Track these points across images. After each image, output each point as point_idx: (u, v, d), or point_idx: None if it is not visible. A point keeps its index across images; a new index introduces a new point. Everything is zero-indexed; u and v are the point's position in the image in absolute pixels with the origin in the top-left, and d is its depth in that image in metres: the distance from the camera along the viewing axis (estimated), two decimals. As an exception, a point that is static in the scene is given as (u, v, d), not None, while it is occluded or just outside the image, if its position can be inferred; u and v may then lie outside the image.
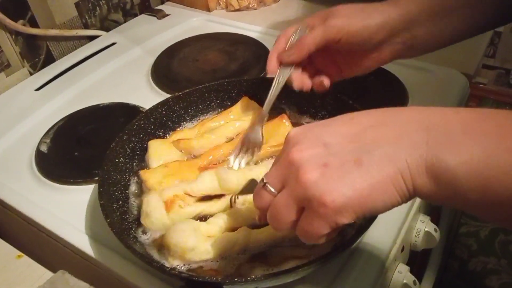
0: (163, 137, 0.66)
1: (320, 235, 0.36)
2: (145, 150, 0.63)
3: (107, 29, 1.04)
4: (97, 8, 1.02)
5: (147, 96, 0.81)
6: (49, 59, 0.94)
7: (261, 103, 0.67)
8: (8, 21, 0.83)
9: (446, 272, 1.22)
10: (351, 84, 0.79)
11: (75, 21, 0.98)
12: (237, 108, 0.66)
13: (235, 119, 0.64)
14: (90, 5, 1.00)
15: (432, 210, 0.72)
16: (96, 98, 0.81)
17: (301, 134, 0.37)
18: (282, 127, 0.61)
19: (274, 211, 0.37)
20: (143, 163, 0.62)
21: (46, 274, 0.53)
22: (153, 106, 0.66)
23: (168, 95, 0.80)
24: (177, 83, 0.84)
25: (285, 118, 0.62)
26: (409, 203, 0.59)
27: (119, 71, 0.90)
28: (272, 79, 0.59)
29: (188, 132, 0.65)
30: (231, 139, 0.63)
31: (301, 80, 0.58)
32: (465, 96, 0.80)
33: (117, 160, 0.58)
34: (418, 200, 0.61)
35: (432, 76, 0.81)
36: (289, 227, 0.38)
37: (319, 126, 0.38)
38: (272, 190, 0.38)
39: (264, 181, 0.38)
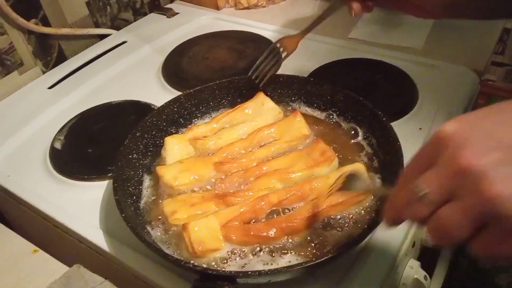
0: (175, 133, 0.67)
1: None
2: (157, 146, 0.64)
3: (118, 28, 1.05)
4: (108, 7, 1.03)
5: (158, 93, 0.82)
6: (61, 58, 0.95)
7: (272, 99, 0.68)
8: (21, 20, 0.84)
9: (456, 270, 1.22)
10: (360, 80, 0.80)
11: (86, 20, 0.99)
12: (252, 102, 0.67)
13: (251, 120, 0.64)
14: (100, 4, 1.01)
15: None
16: (107, 96, 0.82)
17: (466, 132, 0.30)
18: (295, 123, 0.62)
19: (440, 226, 0.31)
20: (155, 160, 0.63)
21: (62, 268, 0.53)
22: (165, 103, 0.66)
23: (179, 93, 0.81)
24: (187, 81, 0.85)
25: (298, 115, 0.62)
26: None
27: (130, 70, 0.91)
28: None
29: (204, 128, 0.65)
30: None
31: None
32: (474, 93, 0.80)
33: (130, 157, 0.59)
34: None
35: (442, 73, 0.81)
36: (460, 243, 0.32)
37: (488, 120, 0.31)
38: (433, 200, 0.31)
39: (423, 191, 0.32)
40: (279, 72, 0.85)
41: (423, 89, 0.76)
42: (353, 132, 0.64)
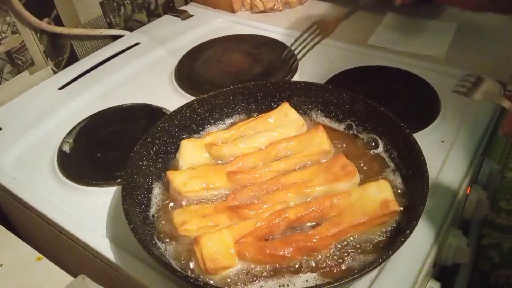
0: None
1: None
2: (168, 153, 0.62)
3: (131, 29, 1.03)
4: (122, 7, 1.01)
5: (170, 97, 0.80)
6: (73, 58, 0.93)
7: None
8: (33, 19, 0.83)
9: (469, 285, 1.18)
10: (379, 89, 0.77)
11: (100, 20, 0.97)
12: (276, 113, 0.65)
13: (272, 129, 0.62)
14: (114, 4, 0.99)
15: (462, 223, 0.69)
16: (118, 98, 0.80)
17: None
18: (317, 137, 0.59)
19: None
20: (166, 166, 0.61)
21: (66, 278, 0.51)
22: (177, 108, 0.64)
23: (191, 97, 0.79)
24: (200, 85, 0.83)
25: (320, 130, 0.59)
26: (442, 215, 0.56)
27: (142, 72, 0.89)
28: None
29: (222, 134, 0.63)
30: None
31: None
32: (498, 104, 0.77)
33: (140, 163, 0.57)
34: (451, 213, 0.58)
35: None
36: None
37: None
38: None
39: None
40: (296, 78, 0.83)
41: (445, 99, 0.73)
42: (373, 143, 0.62)
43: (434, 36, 0.95)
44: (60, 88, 0.85)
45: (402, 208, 0.51)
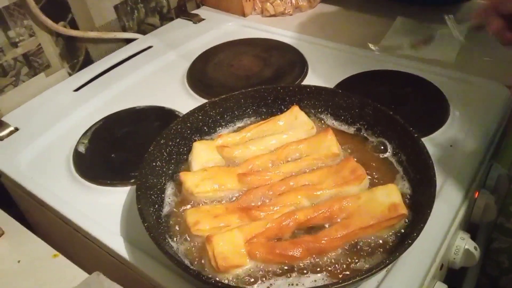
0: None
1: None
2: (181, 154, 0.63)
3: (144, 32, 1.05)
4: (135, 11, 1.03)
5: (182, 100, 0.82)
6: (88, 61, 0.95)
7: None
8: (50, 23, 0.85)
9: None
10: (389, 93, 0.78)
11: (114, 23, 0.99)
12: (286, 116, 0.66)
13: (282, 132, 0.63)
14: (128, 8, 1.01)
15: (471, 226, 0.69)
16: (132, 101, 0.82)
17: None
18: (326, 141, 0.60)
19: None
20: (178, 167, 0.62)
21: (81, 274, 0.53)
22: (190, 111, 0.66)
23: (203, 100, 0.80)
24: (212, 88, 0.84)
25: (330, 133, 0.60)
26: (449, 219, 0.57)
27: (155, 75, 0.91)
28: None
29: (234, 136, 0.64)
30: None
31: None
32: (507, 109, 0.77)
33: (154, 164, 0.58)
34: (459, 216, 0.59)
35: (474, 88, 0.78)
36: None
37: None
38: None
39: None
40: (306, 82, 0.84)
41: (454, 104, 0.74)
42: (382, 147, 0.62)
43: (443, 41, 0.95)
44: (75, 90, 0.87)
45: (410, 211, 0.52)
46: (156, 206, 0.55)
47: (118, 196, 0.62)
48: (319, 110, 0.69)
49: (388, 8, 1.08)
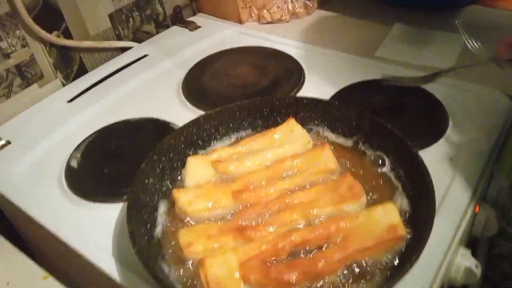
0: (193, 155, 0.64)
1: None
2: (174, 170, 0.62)
3: (140, 41, 1.04)
4: (130, 19, 1.02)
5: (178, 110, 0.80)
6: (82, 70, 0.94)
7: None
8: (43, 33, 0.83)
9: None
10: (387, 103, 0.77)
11: (108, 32, 0.98)
12: (282, 129, 0.65)
13: (278, 146, 0.62)
14: (123, 16, 1.00)
15: (471, 241, 0.68)
16: (126, 112, 0.81)
17: None
18: (323, 155, 0.58)
19: None
20: (172, 184, 0.61)
21: (72, 296, 0.52)
22: (184, 125, 0.64)
23: (198, 110, 0.79)
24: (207, 98, 0.83)
25: (327, 148, 0.59)
26: (450, 236, 0.56)
27: (150, 84, 0.90)
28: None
29: (229, 150, 0.63)
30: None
31: None
32: (508, 118, 0.76)
33: (146, 181, 0.57)
34: (459, 233, 0.57)
35: (474, 97, 0.77)
36: None
37: None
38: None
39: None
40: (303, 91, 0.82)
41: (453, 114, 0.72)
42: (380, 161, 0.61)
43: (442, 47, 0.94)
44: (69, 101, 0.86)
45: (409, 229, 0.50)
46: (148, 225, 0.54)
47: (110, 213, 0.61)
48: (316, 122, 0.68)
49: (386, 14, 1.07)
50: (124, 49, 1.01)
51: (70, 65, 0.92)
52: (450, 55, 0.90)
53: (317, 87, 0.83)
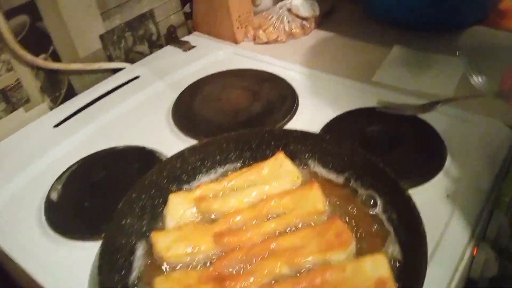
0: (177, 191, 0.61)
1: None
2: (155, 207, 0.59)
3: (132, 61, 1.02)
4: (122, 40, 1.00)
5: (166, 138, 0.78)
6: (71, 93, 0.92)
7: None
8: (29, 57, 0.81)
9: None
10: (382, 134, 0.74)
11: (99, 53, 0.96)
12: (270, 163, 0.62)
13: (265, 182, 0.59)
14: (115, 37, 0.98)
15: (468, 282, 0.65)
16: (113, 138, 0.78)
17: None
18: (311, 195, 0.55)
19: None
20: (152, 222, 0.58)
21: None
22: (167, 159, 0.62)
23: (187, 138, 0.76)
24: (197, 125, 0.80)
25: (315, 187, 0.56)
26: (446, 282, 0.52)
27: (140, 108, 0.87)
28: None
29: (213, 186, 0.60)
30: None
31: None
32: (510, 152, 0.72)
33: (123, 222, 0.54)
34: (455, 280, 0.54)
35: (474, 128, 0.74)
36: None
37: None
38: None
39: None
40: (296, 119, 0.79)
41: (452, 146, 0.69)
42: (372, 201, 0.58)
43: (442, 73, 0.91)
44: (55, 126, 0.83)
45: (400, 282, 0.47)
46: (123, 271, 0.51)
47: (88, 253, 0.58)
48: (306, 155, 0.65)
49: (385, 35, 1.04)
50: (116, 70, 0.99)
51: (59, 88, 0.90)
52: (450, 81, 0.87)
53: (310, 114, 0.80)
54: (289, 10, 1.07)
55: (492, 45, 1.00)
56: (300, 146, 0.65)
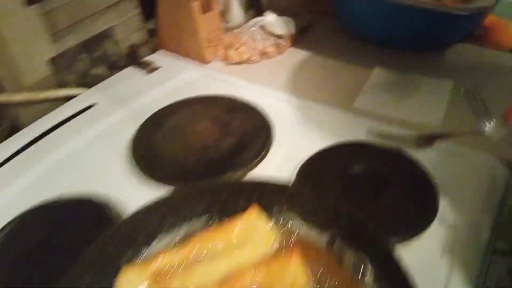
0: (133, 259, 0.52)
1: None
2: (104, 279, 0.49)
3: (89, 85, 0.91)
4: (77, 62, 0.89)
5: (124, 182, 0.68)
6: (15, 128, 0.80)
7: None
8: (-38, 90, 0.70)
9: None
10: (367, 175, 0.66)
11: (50, 79, 0.85)
12: (242, 224, 0.52)
13: (235, 247, 0.50)
14: (67, 61, 0.87)
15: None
16: (61, 184, 0.67)
17: None
18: (290, 267, 0.46)
19: None
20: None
21: None
22: (120, 222, 0.52)
23: (149, 180, 0.67)
24: (158, 165, 0.70)
25: (294, 257, 0.47)
26: None
27: (95, 142, 0.77)
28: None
29: (174, 256, 0.50)
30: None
31: None
32: (508, 189, 0.66)
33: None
34: None
35: (464, 164, 0.68)
36: None
37: None
38: None
39: None
40: (270, 156, 0.71)
41: (444, 188, 0.62)
42: (362, 266, 0.50)
43: (428, 97, 0.84)
44: (-9, 171, 0.72)
45: None
46: None
47: None
48: (283, 208, 0.56)
49: (367, 54, 0.97)
50: (70, 97, 0.88)
51: (1, 123, 0.79)
52: (438, 108, 0.80)
53: (286, 151, 0.72)
54: (263, 27, 0.98)
55: (478, 63, 0.95)
56: (276, 197, 0.56)
